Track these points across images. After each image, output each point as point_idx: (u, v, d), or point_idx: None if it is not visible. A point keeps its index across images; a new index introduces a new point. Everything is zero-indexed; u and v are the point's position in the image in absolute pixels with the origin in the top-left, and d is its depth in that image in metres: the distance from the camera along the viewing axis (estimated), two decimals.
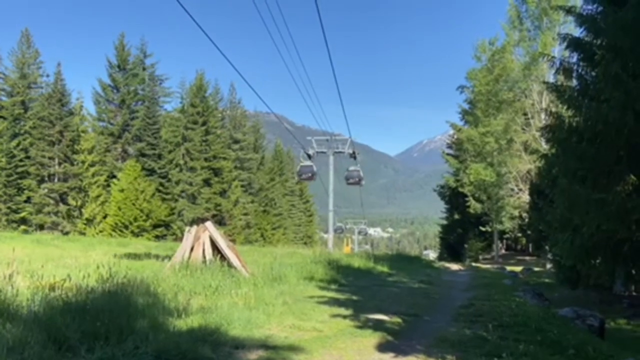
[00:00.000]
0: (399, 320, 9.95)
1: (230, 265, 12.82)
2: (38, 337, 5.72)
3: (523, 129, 36.89)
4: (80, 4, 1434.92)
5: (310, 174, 43.67)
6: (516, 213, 40.86)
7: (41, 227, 47.05)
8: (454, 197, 55.14)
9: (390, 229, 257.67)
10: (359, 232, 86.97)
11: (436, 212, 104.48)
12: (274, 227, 67.86)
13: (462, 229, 58.65)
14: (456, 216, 60.74)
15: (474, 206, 46.50)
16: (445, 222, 67.24)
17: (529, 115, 36.32)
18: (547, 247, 26.64)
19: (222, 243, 13.09)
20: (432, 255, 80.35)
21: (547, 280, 26.63)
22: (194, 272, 11.74)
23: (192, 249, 13.09)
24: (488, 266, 38.23)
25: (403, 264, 26.37)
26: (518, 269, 34.60)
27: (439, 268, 31.37)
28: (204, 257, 12.86)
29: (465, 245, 59.63)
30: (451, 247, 64.30)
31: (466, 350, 7.63)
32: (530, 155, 34.49)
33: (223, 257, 13.21)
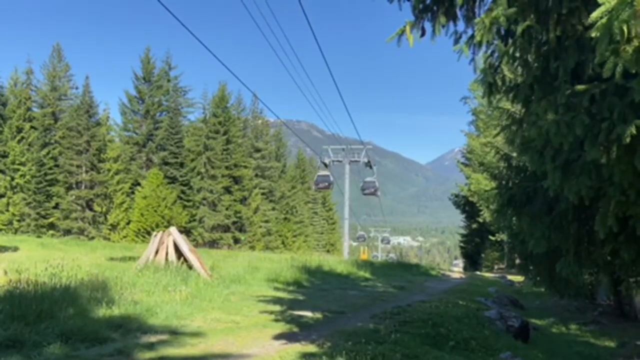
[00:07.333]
0: (319, 316, 10.94)
1: (190, 267, 14.12)
2: None
3: None
4: (107, 18, 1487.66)
5: (327, 184, 43.33)
6: None
7: (68, 232, 49.53)
8: (468, 206, 55.39)
9: (420, 238, 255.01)
10: (382, 241, 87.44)
11: None
12: (294, 234, 69.03)
13: (480, 238, 58.67)
14: (474, 225, 60.74)
15: (486, 215, 46.65)
16: (464, 231, 67.29)
17: None
18: None
19: (185, 247, 14.38)
20: (461, 265, 79.81)
21: (543, 289, 27.08)
22: (154, 272, 13.03)
23: (156, 252, 14.45)
24: (491, 275, 38.60)
25: (394, 271, 27.18)
26: (520, 278, 34.90)
27: (436, 275, 31.90)
28: (167, 259, 14.19)
29: (482, 255, 59.65)
30: (470, 256, 64.39)
31: (354, 339, 8.36)
32: None
33: (188, 261, 14.49)
